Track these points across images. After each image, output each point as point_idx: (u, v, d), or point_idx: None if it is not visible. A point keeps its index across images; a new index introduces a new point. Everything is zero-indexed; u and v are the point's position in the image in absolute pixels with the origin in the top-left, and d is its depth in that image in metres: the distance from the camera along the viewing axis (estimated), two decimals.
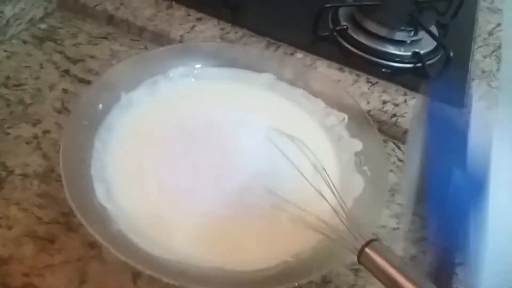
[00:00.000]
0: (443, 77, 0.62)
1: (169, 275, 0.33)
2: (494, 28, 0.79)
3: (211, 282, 0.35)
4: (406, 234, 0.48)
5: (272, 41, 0.64)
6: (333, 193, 0.41)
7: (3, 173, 0.46)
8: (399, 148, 0.57)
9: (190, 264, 0.36)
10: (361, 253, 0.35)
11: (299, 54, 0.63)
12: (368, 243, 0.35)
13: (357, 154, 0.47)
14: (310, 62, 0.62)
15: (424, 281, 0.33)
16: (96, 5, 0.65)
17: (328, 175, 0.42)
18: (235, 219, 0.41)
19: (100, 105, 0.45)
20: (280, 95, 0.52)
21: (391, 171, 0.52)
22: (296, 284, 0.36)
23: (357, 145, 0.47)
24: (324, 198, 0.41)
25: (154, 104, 0.48)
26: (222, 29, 0.65)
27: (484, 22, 0.79)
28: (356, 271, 0.44)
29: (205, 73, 0.53)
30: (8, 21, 0.59)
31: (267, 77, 0.54)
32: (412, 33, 0.64)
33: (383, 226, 0.48)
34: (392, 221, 0.49)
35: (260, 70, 0.54)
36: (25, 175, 0.46)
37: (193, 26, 0.64)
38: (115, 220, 0.37)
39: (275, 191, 0.42)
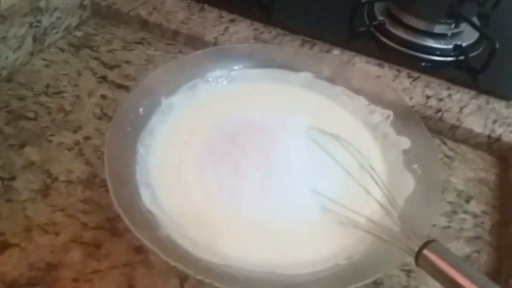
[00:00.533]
0: (489, 69, 0.59)
1: (220, 279, 0.33)
2: None
3: (262, 286, 0.34)
4: (457, 233, 0.46)
5: (307, 39, 0.63)
6: (383, 192, 0.40)
7: (48, 180, 0.46)
8: (445, 144, 0.55)
9: (240, 269, 0.35)
10: (418, 255, 0.33)
11: (336, 51, 0.61)
12: (425, 245, 0.33)
13: (405, 152, 0.45)
14: (348, 59, 0.61)
15: (489, 283, 0.31)
16: (129, 11, 0.65)
17: (376, 173, 0.41)
18: (282, 221, 0.40)
19: (141, 111, 0.45)
20: (319, 94, 0.51)
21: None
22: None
23: (405, 142, 0.45)
24: (373, 197, 0.40)
25: (194, 108, 0.48)
26: (255, 29, 0.64)
27: None
28: (408, 272, 0.43)
29: (243, 75, 0.52)
30: (45, 30, 0.60)
31: (304, 76, 0.52)
32: (452, 26, 0.62)
33: (434, 225, 0.46)
34: (442, 220, 0.47)
35: (297, 69, 0.53)
36: (69, 182, 0.46)
37: (227, 28, 0.64)
38: (163, 225, 0.37)
39: (321, 192, 0.41)
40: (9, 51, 0.55)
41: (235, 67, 0.52)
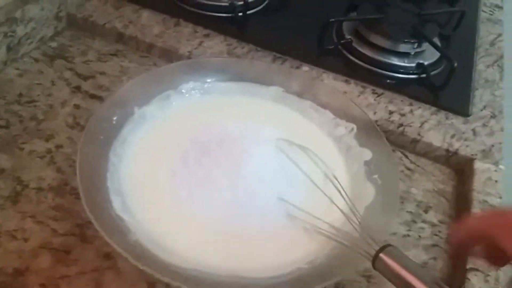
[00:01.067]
0: (448, 87, 0.63)
1: (187, 282, 0.34)
2: (495, 38, 0.80)
3: None
4: (416, 241, 0.49)
5: (278, 55, 0.65)
6: (345, 201, 0.42)
7: (18, 187, 0.46)
8: (406, 157, 0.58)
9: (207, 273, 0.36)
10: (375, 258, 0.35)
11: (305, 67, 0.64)
12: (382, 249, 0.35)
13: (366, 163, 0.48)
14: (316, 75, 0.63)
15: (440, 285, 0.33)
16: (105, 23, 0.66)
17: (339, 183, 0.43)
18: (249, 228, 0.41)
19: (114, 120, 0.46)
20: (289, 107, 0.53)
21: (400, 179, 0.53)
22: None
23: (367, 154, 0.48)
24: (336, 205, 0.42)
25: (167, 118, 0.49)
26: (229, 44, 0.66)
27: (485, 32, 0.81)
28: (368, 278, 0.45)
29: (215, 87, 0.54)
30: (20, 40, 0.60)
31: (275, 90, 0.55)
32: (415, 45, 0.66)
33: (394, 233, 0.48)
34: (402, 228, 0.50)
35: (268, 84, 0.55)
36: (39, 189, 0.47)
37: (201, 42, 0.66)
38: (132, 231, 0.38)
39: (288, 200, 0.43)
40: None
41: (208, 80, 0.54)
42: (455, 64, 0.61)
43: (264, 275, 0.37)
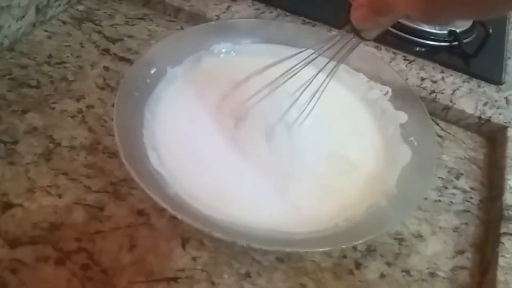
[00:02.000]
0: (480, 55, 0.61)
1: (225, 234, 0.34)
2: None
3: (263, 241, 0.35)
4: (448, 206, 0.48)
5: (307, 20, 0.64)
6: None
7: (51, 145, 0.47)
8: (437, 124, 0.57)
9: (244, 226, 0.36)
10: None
11: (334, 33, 0.63)
12: None
13: (402, 125, 0.47)
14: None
15: None
16: None
17: None
18: (288, 183, 0.41)
19: (148, 79, 0.46)
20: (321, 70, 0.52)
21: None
22: (343, 247, 0.37)
23: (402, 117, 0.47)
24: None
25: (199, 77, 0.49)
26: (256, 9, 0.65)
27: None
28: (400, 241, 0.44)
29: (247, 49, 0.53)
30: (48, 2, 0.60)
31: (306, 52, 0.53)
32: None
33: (426, 198, 0.48)
34: (434, 194, 0.49)
35: (298, 46, 0.54)
36: (72, 147, 0.47)
37: (229, 7, 0.65)
38: (170, 184, 0.38)
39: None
40: (12, 20, 0.56)
41: (240, 41, 0.53)
42: (490, 30, 0.60)
43: (301, 230, 0.37)
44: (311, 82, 0.43)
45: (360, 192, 0.42)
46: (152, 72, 0.46)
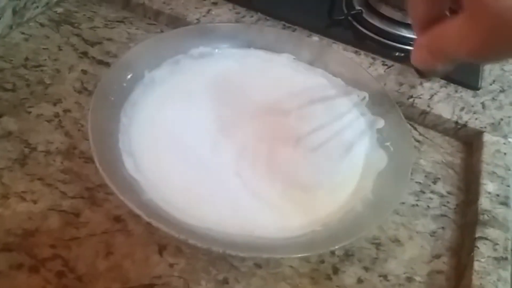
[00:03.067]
0: None
1: (201, 240, 0.34)
2: None
3: (240, 247, 0.35)
4: (425, 210, 0.49)
5: (287, 24, 0.64)
6: None
7: (26, 150, 0.46)
8: (415, 129, 0.58)
9: (220, 232, 0.36)
10: None
11: (315, 38, 0.63)
12: None
13: (379, 131, 0.47)
14: (326, 45, 0.63)
15: None
16: None
17: None
18: (265, 188, 0.41)
19: (124, 83, 0.46)
20: (300, 75, 0.53)
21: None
22: (320, 252, 0.37)
23: (379, 122, 0.47)
24: None
25: (177, 82, 0.49)
26: (237, 13, 0.65)
27: None
28: (377, 245, 0.45)
29: (226, 53, 0.53)
30: (25, 4, 0.59)
31: (286, 57, 0.54)
32: None
33: (403, 203, 0.48)
34: (411, 198, 0.50)
35: (278, 51, 0.55)
36: (48, 152, 0.46)
37: (209, 10, 0.65)
38: (146, 190, 0.38)
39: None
40: None
41: (218, 46, 0.53)
42: None
43: (278, 236, 0.37)
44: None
45: (337, 198, 0.42)
46: (129, 76, 0.46)
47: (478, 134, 0.56)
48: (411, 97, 0.58)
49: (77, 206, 0.42)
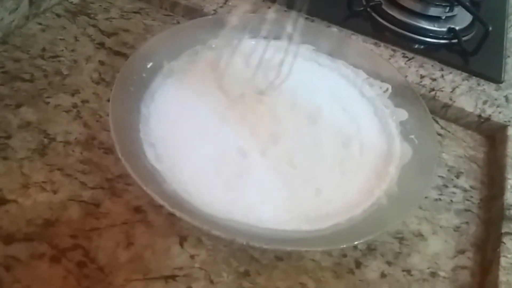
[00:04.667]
0: (480, 53, 0.61)
1: (224, 231, 0.33)
2: None
3: (263, 239, 0.34)
4: (448, 205, 0.48)
5: (306, 15, 0.63)
6: None
7: (46, 140, 0.46)
8: (437, 122, 0.57)
9: (244, 223, 0.36)
10: None
11: (334, 29, 0.62)
12: None
13: (402, 123, 0.46)
14: (345, 36, 0.62)
15: None
16: None
17: None
18: (289, 180, 0.40)
19: (144, 73, 0.45)
20: (321, 66, 0.52)
21: None
22: (344, 246, 0.37)
23: (402, 114, 0.47)
24: None
25: (196, 72, 0.48)
26: (255, 3, 0.65)
27: None
28: (400, 240, 0.44)
29: (244, 44, 0.52)
30: None
31: (306, 48, 0.53)
32: (447, 9, 0.64)
33: (426, 197, 0.48)
34: (434, 192, 0.49)
35: (297, 42, 0.54)
36: (67, 142, 0.46)
37: (226, 1, 0.64)
38: (168, 181, 0.37)
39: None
40: (5, 12, 0.54)
41: (237, 36, 0.52)
42: (490, 28, 0.59)
43: (301, 229, 0.36)
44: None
45: (361, 191, 0.41)
46: (149, 66, 0.45)
47: (502, 128, 0.55)
48: (433, 90, 0.57)
49: (97, 197, 0.42)
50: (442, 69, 0.61)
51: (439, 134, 0.55)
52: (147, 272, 0.38)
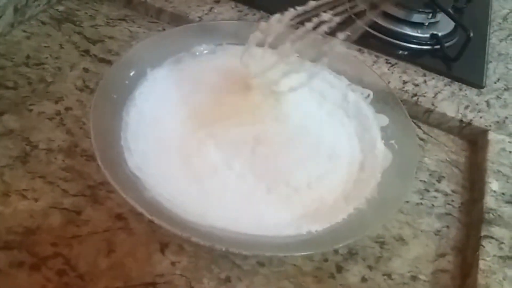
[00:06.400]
0: (462, 58, 0.62)
1: (204, 238, 0.33)
2: (508, 13, 0.79)
3: (243, 246, 0.34)
4: (429, 209, 0.48)
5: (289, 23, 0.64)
6: None
7: (28, 148, 0.46)
8: (419, 127, 0.57)
9: (224, 230, 0.36)
10: None
11: (318, 36, 0.62)
12: None
13: (383, 128, 0.47)
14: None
15: None
16: None
17: None
18: (266, 187, 0.41)
19: (127, 81, 0.45)
20: (302, 71, 0.52)
21: None
22: (324, 250, 0.37)
23: (383, 120, 0.47)
24: None
25: (180, 79, 0.48)
26: (239, 11, 0.65)
27: (498, 7, 0.80)
28: (381, 244, 0.44)
29: (228, 51, 0.53)
30: (27, 2, 0.59)
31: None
32: (430, 15, 0.64)
33: (407, 202, 0.48)
34: (415, 197, 0.49)
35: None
36: (49, 150, 0.46)
37: (211, 8, 0.64)
38: (148, 188, 0.37)
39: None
40: None
41: (220, 43, 0.53)
42: (471, 34, 0.60)
43: (281, 234, 0.37)
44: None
45: (341, 196, 0.41)
46: (131, 74, 0.46)
47: (483, 132, 0.55)
48: (415, 95, 0.58)
49: (78, 204, 0.42)
50: (425, 75, 0.61)
51: (422, 139, 0.56)
52: (128, 280, 0.38)
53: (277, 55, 0.45)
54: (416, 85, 0.59)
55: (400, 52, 0.64)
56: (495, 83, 0.63)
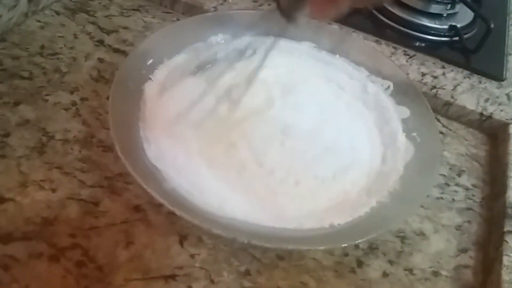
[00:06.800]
0: (482, 50, 0.61)
1: (224, 230, 0.33)
2: None
3: (264, 238, 0.34)
4: (450, 203, 0.48)
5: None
6: None
7: (44, 138, 0.45)
8: (438, 120, 0.56)
9: (245, 222, 0.35)
10: None
11: (334, 26, 0.62)
12: None
13: (404, 121, 0.46)
14: (346, 33, 0.61)
15: None
16: None
17: None
18: (289, 178, 0.40)
19: (144, 70, 0.45)
20: (321, 63, 0.51)
21: None
22: (346, 244, 0.36)
23: (404, 112, 0.46)
24: None
25: (196, 68, 0.48)
26: (254, 1, 0.64)
27: None
28: (402, 239, 0.44)
29: (245, 41, 0.52)
30: None
31: (306, 45, 0.53)
32: (448, 6, 0.63)
33: (427, 196, 0.47)
34: (436, 191, 0.48)
35: (298, 39, 0.53)
36: (65, 140, 0.45)
37: None
38: (168, 179, 0.37)
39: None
40: (3, 9, 0.54)
41: (237, 33, 0.52)
42: (492, 25, 0.59)
43: (302, 227, 0.36)
44: None
45: (364, 188, 0.41)
46: (148, 63, 0.45)
47: (504, 126, 0.54)
48: (434, 87, 0.57)
49: (96, 195, 0.42)
50: (443, 67, 0.60)
51: (441, 132, 0.55)
52: (147, 272, 0.37)
53: None
54: (435, 77, 0.58)
55: (418, 43, 0.63)
56: None
